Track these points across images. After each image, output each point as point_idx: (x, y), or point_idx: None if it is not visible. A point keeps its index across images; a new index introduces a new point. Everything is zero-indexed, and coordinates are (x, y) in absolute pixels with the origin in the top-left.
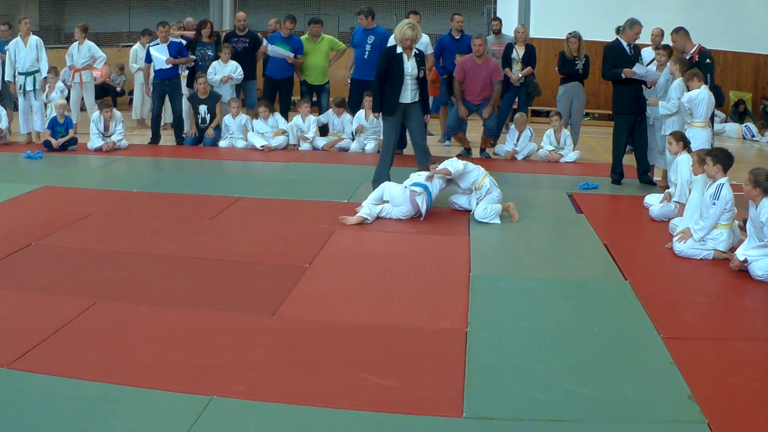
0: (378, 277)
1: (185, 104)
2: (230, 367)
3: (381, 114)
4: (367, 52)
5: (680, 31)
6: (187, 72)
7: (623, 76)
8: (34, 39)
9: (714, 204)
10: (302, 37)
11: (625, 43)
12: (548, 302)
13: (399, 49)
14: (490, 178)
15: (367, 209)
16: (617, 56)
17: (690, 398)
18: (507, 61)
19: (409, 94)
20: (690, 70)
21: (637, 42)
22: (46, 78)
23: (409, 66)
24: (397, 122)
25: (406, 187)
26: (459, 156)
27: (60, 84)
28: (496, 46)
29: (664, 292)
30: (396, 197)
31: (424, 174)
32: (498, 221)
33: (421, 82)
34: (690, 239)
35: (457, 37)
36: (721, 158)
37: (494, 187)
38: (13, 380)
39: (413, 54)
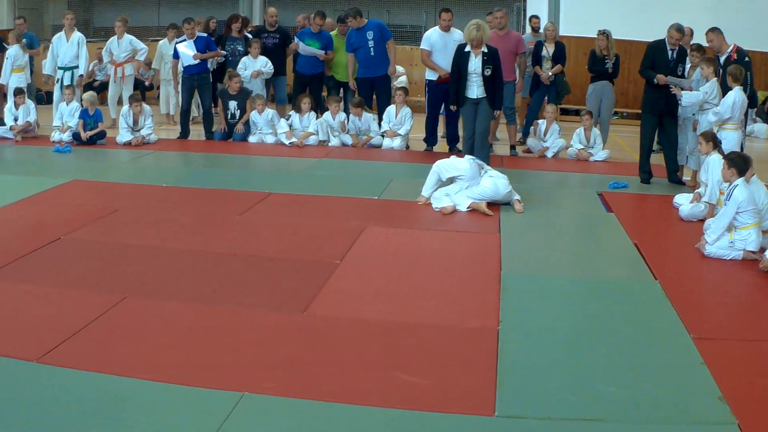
0: (409, 274)
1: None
2: (261, 363)
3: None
4: (371, 49)
5: (716, 31)
6: (215, 66)
7: (656, 81)
8: (77, 35)
9: (725, 205)
10: (331, 33)
11: (668, 46)
12: (579, 302)
13: (468, 48)
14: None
15: (448, 200)
16: (657, 56)
17: (720, 399)
18: (537, 58)
19: (474, 90)
20: (730, 67)
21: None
22: (82, 76)
23: (474, 64)
24: (469, 114)
25: (470, 159)
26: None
27: (75, 104)
28: (531, 45)
29: (694, 293)
30: (468, 171)
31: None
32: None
33: (489, 80)
34: (724, 238)
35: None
36: (736, 162)
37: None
38: (42, 375)
39: (482, 53)
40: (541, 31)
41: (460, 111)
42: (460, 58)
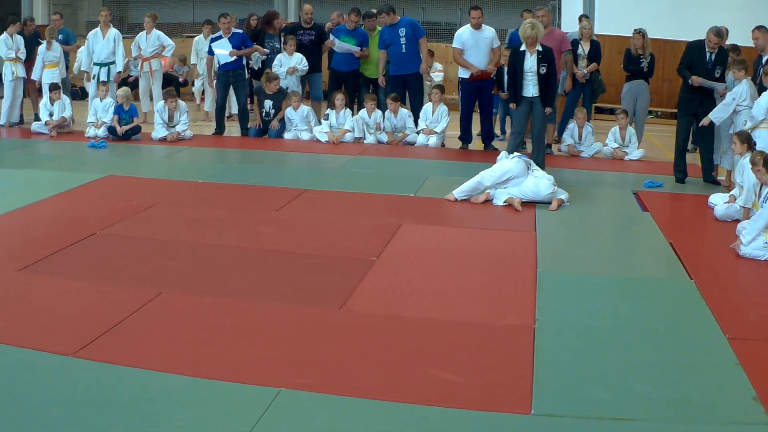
0: (445, 271)
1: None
2: (298, 359)
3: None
4: (403, 46)
5: (762, 29)
6: (260, 65)
7: (691, 82)
8: (113, 32)
9: (762, 207)
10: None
11: (707, 48)
12: (614, 300)
13: (523, 47)
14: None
15: (506, 194)
16: (694, 57)
17: (755, 400)
18: (572, 57)
19: (530, 89)
20: (767, 66)
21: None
22: (119, 72)
23: (530, 63)
24: (524, 112)
25: (516, 157)
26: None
27: (109, 100)
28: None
29: (729, 293)
30: (516, 169)
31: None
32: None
33: (543, 78)
34: (759, 239)
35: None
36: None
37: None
38: (78, 369)
39: (536, 51)
40: (574, 29)
41: (514, 110)
42: (516, 57)
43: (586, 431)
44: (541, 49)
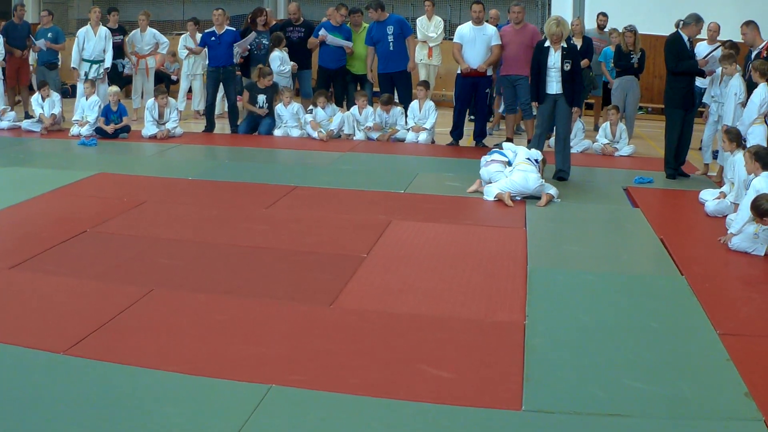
0: (435, 268)
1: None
2: (289, 356)
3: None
4: (390, 44)
5: (751, 24)
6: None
7: (699, 66)
8: (103, 30)
9: (746, 195)
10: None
11: (685, 38)
12: (605, 297)
13: (547, 43)
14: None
15: (496, 189)
16: (679, 49)
17: (747, 395)
18: None
19: (554, 86)
20: (756, 62)
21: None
22: (107, 68)
23: (554, 59)
24: (547, 110)
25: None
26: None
27: (95, 98)
28: (597, 41)
29: (720, 288)
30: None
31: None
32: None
33: (568, 75)
34: (750, 229)
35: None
36: (760, 155)
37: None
38: (69, 367)
39: (561, 48)
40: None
41: (538, 108)
42: (540, 53)
43: (576, 427)
44: (566, 45)
